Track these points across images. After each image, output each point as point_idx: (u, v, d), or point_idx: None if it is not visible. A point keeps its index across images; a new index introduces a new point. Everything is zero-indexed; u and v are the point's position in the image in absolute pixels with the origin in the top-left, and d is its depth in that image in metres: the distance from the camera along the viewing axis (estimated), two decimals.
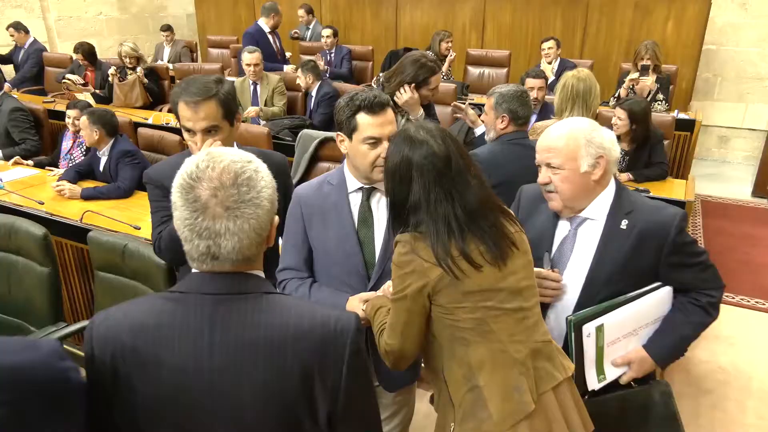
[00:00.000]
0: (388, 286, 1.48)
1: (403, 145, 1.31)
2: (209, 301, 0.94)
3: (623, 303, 1.53)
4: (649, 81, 4.42)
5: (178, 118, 1.69)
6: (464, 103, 2.76)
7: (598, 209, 1.55)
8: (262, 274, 1.01)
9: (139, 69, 5.10)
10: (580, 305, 1.54)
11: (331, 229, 1.61)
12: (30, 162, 3.80)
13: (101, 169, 3.41)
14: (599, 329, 1.51)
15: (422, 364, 1.64)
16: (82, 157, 3.77)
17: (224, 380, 0.92)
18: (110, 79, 5.10)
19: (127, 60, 5.16)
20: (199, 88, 1.62)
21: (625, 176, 3.32)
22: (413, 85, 2.44)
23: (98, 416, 0.98)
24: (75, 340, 2.90)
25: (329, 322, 0.96)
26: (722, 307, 1.64)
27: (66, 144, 3.95)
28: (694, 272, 1.56)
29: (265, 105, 4.67)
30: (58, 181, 3.25)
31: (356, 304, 1.53)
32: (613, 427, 1.38)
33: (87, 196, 3.07)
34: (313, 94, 4.64)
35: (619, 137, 3.35)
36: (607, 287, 1.52)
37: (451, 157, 1.29)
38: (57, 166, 3.83)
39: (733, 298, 3.58)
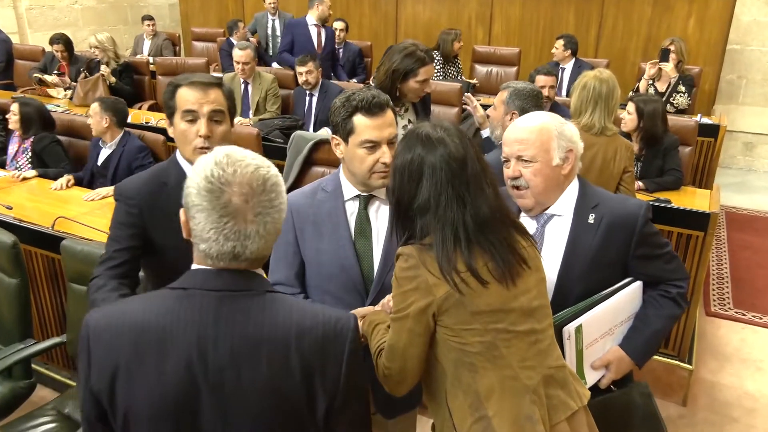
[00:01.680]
0: (387, 301, 1.49)
1: (416, 142, 1.31)
2: (214, 298, 1.03)
3: (599, 301, 1.59)
4: (668, 67, 4.49)
5: (171, 109, 1.68)
6: (477, 99, 2.81)
7: (565, 205, 1.63)
8: (263, 274, 1.11)
9: (104, 68, 5.05)
10: (554, 306, 1.57)
11: (326, 241, 1.61)
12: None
13: (99, 162, 3.40)
14: (578, 330, 1.56)
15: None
16: (29, 165, 3.62)
17: (229, 376, 1.00)
18: (78, 78, 5.10)
19: (92, 50, 5.11)
20: (204, 76, 1.70)
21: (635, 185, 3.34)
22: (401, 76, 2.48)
23: (94, 427, 1.06)
24: (44, 359, 2.90)
25: (330, 321, 1.06)
26: (749, 328, 1.69)
27: (12, 148, 3.74)
28: (662, 263, 1.65)
29: (257, 107, 4.61)
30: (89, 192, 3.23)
31: None
32: None
33: None
34: (316, 93, 4.53)
35: (630, 140, 3.38)
36: (580, 284, 1.59)
37: (468, 160, 1.29)
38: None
39: (761, 318, 3.57)
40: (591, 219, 1.60)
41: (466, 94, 2.83)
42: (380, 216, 1.63)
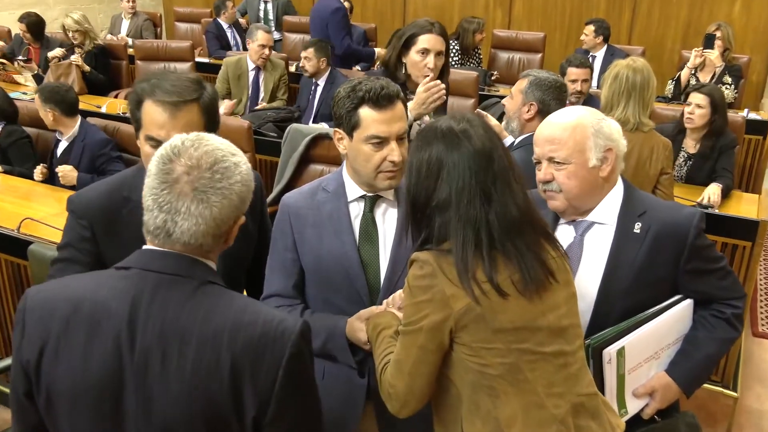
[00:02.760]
0: (392, 299, 1.49)
1: (435, 136, 1.31)
2: (152, 279, 1.10)
3: (644, 321, 1.58)
4: (713, 55, 4.48)
5: (137, 123, 1.52)
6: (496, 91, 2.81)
7: (607, 212, 1.63)
8: (213, 266, 1.17)
9: (75, 56, 5.05)
10: (593, 325, 1.58)
11: (327, 246, 1.61)
12: None
13: (58, 153, 3.37)
14: (620, 353, 1.55)
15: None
16: None
17: (153, 359, 1.06)
18: (51, 63, 5.11)
19: (71, 34, 5.12)
20: (177, 87, 1.48)
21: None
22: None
23: (21, 404, 1.14)
24: (8, 378, 2.90)
25: (272, 321, 1.10)
26: None
27: None
28: (715, 279, 1.64)
29: (271, 94, 4.65)
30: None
31: (359, 325, 1.54)
32: None
33: (83, 184, 2.90)
34: (321, 83, 4.53)
35: (683, 136, 3.37)
36: (623, 301, 1.58)
37: (494, 153, 1.30)
38: None
39: None
40: (637, 228, 1.59)
41: (477, 110, 2.84)
42: (388, 219, 1.63)
